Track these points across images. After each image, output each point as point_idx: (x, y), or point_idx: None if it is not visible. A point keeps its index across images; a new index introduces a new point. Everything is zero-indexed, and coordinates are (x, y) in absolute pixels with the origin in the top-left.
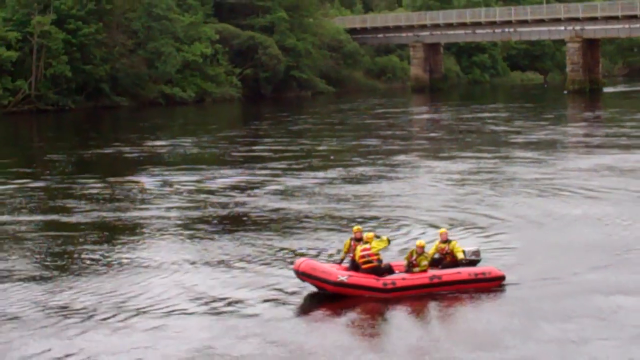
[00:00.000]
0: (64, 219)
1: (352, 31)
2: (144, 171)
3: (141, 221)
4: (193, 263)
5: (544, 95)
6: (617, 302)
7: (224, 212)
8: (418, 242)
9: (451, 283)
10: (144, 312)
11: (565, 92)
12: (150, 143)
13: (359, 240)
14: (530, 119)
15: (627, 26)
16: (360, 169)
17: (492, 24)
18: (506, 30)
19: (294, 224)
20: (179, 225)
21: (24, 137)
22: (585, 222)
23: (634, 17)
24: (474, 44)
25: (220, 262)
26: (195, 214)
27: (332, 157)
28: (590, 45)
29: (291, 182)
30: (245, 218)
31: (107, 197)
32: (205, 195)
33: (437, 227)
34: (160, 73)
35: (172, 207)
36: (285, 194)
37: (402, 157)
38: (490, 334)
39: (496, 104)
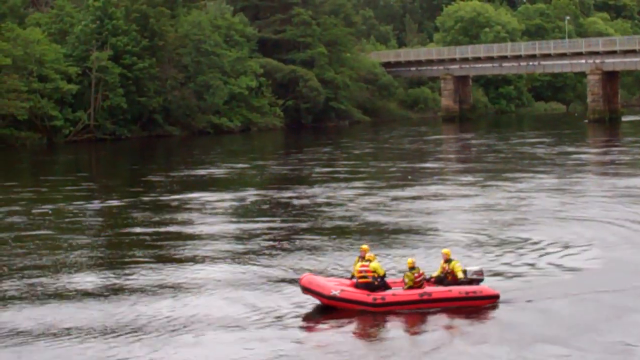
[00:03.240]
0: (189, 230)
1: (387, 65)
2: (243, 189)
3: (257, 231)
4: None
5: (568, 124)
6: None
7: (330, 224)
8: (408, 260)
9: (441, 300)
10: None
11: (586, 121)
12: (233, 165)
13: (363, 258)
14: (568, 144)
15: None
16: (434, 188)
17: (518, 57)
18: (531, 63)
19: (389, 236)
20: (287, 235)
21: (106, 163)
22: None
23: None
24: (501, 76)
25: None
26: (303, 225)
27: (409, 177)
28: (610, 77)
29: (378, 198)
30: (347, 230)
31: (223, 211)
32: (308, 209)
33: (510, 243)
34: (209, 104)
35: (279, 219)
36: (378, 208)
37: (469, 178)
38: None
39: (528, 131)
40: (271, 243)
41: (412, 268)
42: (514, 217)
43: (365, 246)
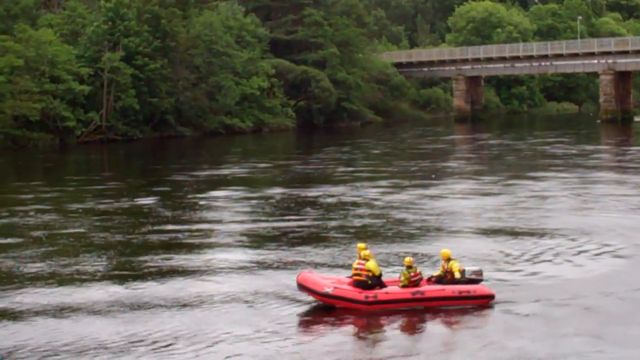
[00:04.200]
0: (220, 227)
1: (399, 65)
2: (269, 188)
3: (287, 228)
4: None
5: (581, 124)
6: None
7: (359, 222)
8: (405, 259)
9: (434, 299)
10: None
11: (599, 121)
12: (254, 165)
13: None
14: (586, 143)
15: None
16: (458, 186)
17: (530, 57)
18: (543, 63)
19: (416, 234)
20: (316, 232)
21: (126, 162)
22: None
23: None
24: (513, 76)
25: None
26: (332, 223)
27: (433, 176)
28: (622, 77)
29: (405, 197)
30: (375, 228)
31: (252, 209)
32: (335, 208)
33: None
34: (220, 105)
35: (308, 217)
36: (405, 207)
37: (491, 177)
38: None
39: (542, 131)
40: (301, 240)
41: (409, 267)
42: (539, 215)
43: (361, 244)
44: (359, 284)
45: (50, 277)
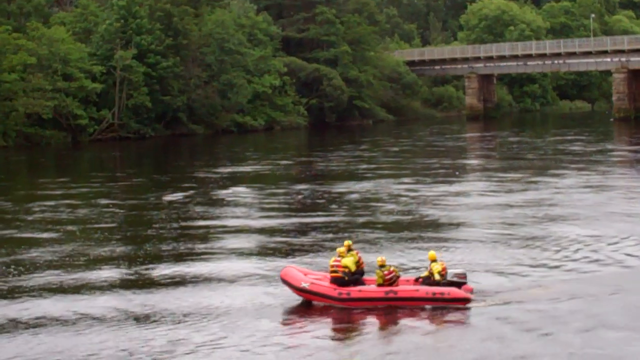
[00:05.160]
0: (250, 222)
1: (411, 63)
2: (293, 184)
3: (316, 224)
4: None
5: (596, 122)
6: None
7: (386, 218)
8: (377, 259)
9: (407, 299)
10: None
11: (612, 119)
12: (276, 162)
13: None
14: (604, 141)
15: None
16: (482, 184)
17: (543, 56)
18: (556, 61)
19: (442, 230)
20: (345, 228)
21: (146, 160)
22: None
23: None
24: (525, 74)
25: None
26: (360, 220)
27: (456, 173)
28: (635, 76)
29: (430, 193)
30: (404, 225)
31: (278, 205)
32: (362, 204)
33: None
34: (232, 103)
35: (336, 213)
36: (432, 202)
37: (513, 174)
38: None
39: (558, 129)
40: (331, 236)
41: (382, 266)
42: (564, 212)
43: (347, 242)
44: (335, 281)
45: (86, 263)
